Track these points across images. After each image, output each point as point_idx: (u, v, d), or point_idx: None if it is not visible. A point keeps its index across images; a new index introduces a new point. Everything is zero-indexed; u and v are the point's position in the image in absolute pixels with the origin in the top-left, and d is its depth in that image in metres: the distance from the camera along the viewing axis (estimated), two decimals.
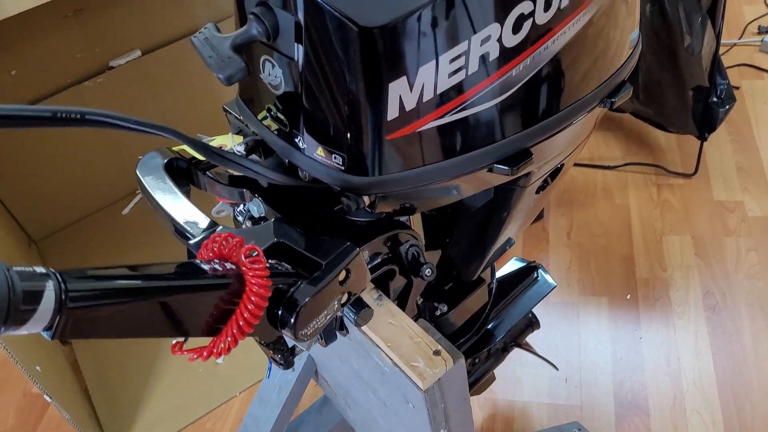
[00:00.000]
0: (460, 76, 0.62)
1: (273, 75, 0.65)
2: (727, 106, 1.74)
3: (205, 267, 0.52)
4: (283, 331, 0.58)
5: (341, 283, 0.61)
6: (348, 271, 0.61)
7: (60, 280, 0.40)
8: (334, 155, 0.65)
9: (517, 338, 1.34)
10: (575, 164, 1.93)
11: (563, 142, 0.79)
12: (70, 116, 0.50)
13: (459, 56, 0.61)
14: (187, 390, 1.64)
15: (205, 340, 0.54)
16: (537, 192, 0.89)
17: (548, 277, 1.30)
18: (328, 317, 0.61)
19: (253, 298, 0.52)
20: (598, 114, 0.83)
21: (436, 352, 0.71)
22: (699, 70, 1.66)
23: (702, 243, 1.69)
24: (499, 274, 1.25)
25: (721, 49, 1.84)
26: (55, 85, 1.85)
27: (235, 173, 0.81)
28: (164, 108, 2.01)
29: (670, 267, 1.65)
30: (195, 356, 0.52)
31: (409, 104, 0.61)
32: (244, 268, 0.53)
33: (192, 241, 0.62)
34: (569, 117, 0.73)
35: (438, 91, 0.62)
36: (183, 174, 0.76)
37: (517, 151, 0.70)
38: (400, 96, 0.60)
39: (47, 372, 1.41)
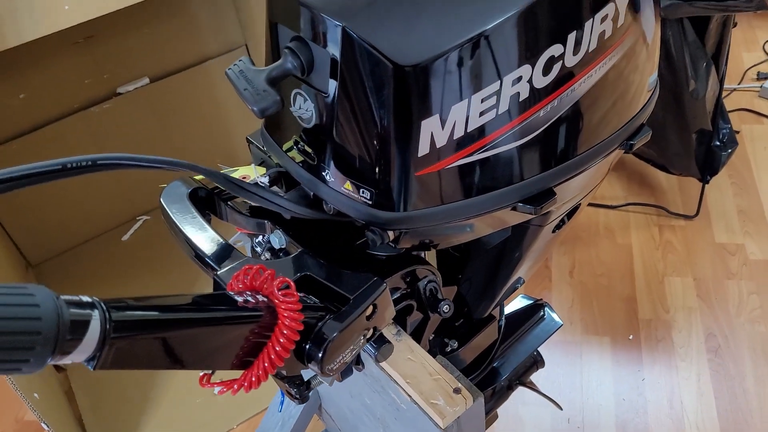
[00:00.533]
0: (490, 115, 0.62)
1: (304, 108, 0.65)
2: (729, 150, 1.76)
3: (238, 299, 0.52)
4: (309, 365, 0.58)
5: (368, 317, 0.61)
6: (375, 306, 0.61)
7: (104, 309, 0.40)
8: (361, 189, 0.65)
9: (521, 376, 1.33)
10: None
11: (583, 183, 0.80)
12: (81, 165, 0.50)
13: (491, 96, 0.61)
14: (183, 421, 1.61)
15: (231, 373, 0.53)
16: (554, 231, 0.89)
17: (555, 316, 1.30)
18: (353, 352, 0.61)
19: (285, 332, 0.52)
20: (616, 155, 0.84)
21: (456, 390, 0.70)
22: (702, 114, 1.68)
23: (704, 285, 1.70)
24: (506, 311, 1.25)
25: (722, 94, 1.86)
26: (63, 110, 1.85)
27: (256, 204, 0.81)
28: (171, 135, 2.02)
29: (672, 308, 1.66)
30: (225, 389, 0.52)
31: (440, 141, 0.62)
32: (276, 301, 0.52)
33: (220, 272, 0.62)
34: (591, 158, 0.74)
35: (469, 129, 0.62)
36: (205, 203, 0.76)
37: (542, 190, 0.70)
38: (432, 133, 0.61)
39: (43, 399, 1.39)
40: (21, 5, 1.12)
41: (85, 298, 0.40)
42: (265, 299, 0.54)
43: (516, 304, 1.31)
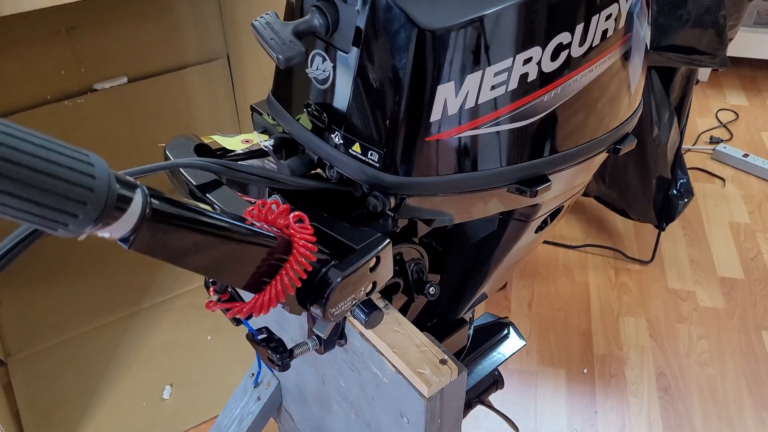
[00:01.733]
0: (500, 91, 0.66)
1: (321, 69, 0.67)
2: (686, 200, 1.85)
3: (256, 223, 0.53)
4: (312, 308, 0.58)
5: (371, 270, 0.62)
6: (378, 259, 0.62)
7: (147, 193, 0.41)
8: (370, 152, 0.67)
9: (481, 395, 1.34)
10: None
11: (571, 181, 0.83)
12: None
13: (503, 71, 0.65)
14: (126, 424, 1.55)
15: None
16: (536, 231, 0.92)
17: (518, 335, 1.32)
18: (354, 302, 0.61)
19: (300, 259, 0.52)
20: (598, 164, 0.88)
21: (443, 361, 0.71)
22: (663, 162, 1.76)
23: (656, 326, 1.75)
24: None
25: (682, 146, 1.96)
26: (34, 100, 1.82)
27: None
28: (140, 138, 2.00)
29: (625, 346, 1.70)
30: (234, 311, 0.52)
31: (452, 109, 0.64)
32: (293, 231, 0.53)
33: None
34: (583, 154, 0.77)
35: (479, 102, 0.65)
36: None
37: (538, 176, 0.73)
38: (446, 99, 0.64)
39: None
40: None
41: (130, 179, 0.40)
42: (279, 231, 0.54)
43: (481, 320, 1.33)
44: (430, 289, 0.82)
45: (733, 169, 2.32)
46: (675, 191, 1.84)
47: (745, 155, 2.32)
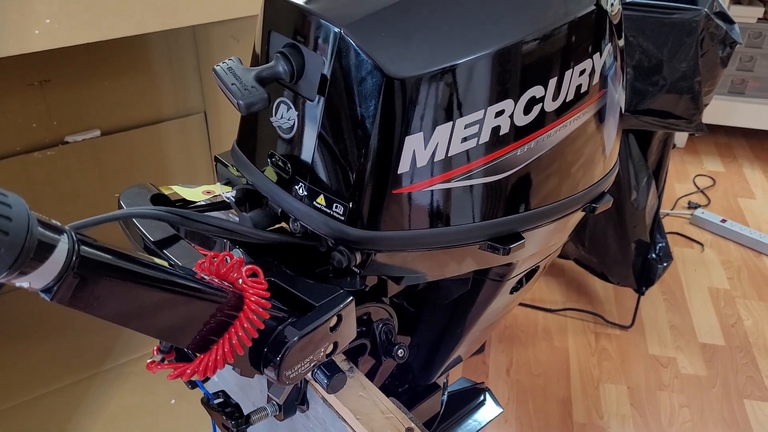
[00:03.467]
0: (471, 143, 0.63)
1: (286, 117, 0.65)
2: (665, 264, 1.83)
3: (205, 277, 0.48)
4: (265, 370, 0.54)
5: (332, 329, 0.57)
6: (340, 318, 0.58)
7: (75, 239, 0.37)
8: (335, 204, 0.63)
9: None
10: (518, 304, 1.95)
11: (546, 239, 0.80)
12: None
13: (474, 123, 0.62)
14: None
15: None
16: (511, 292, 0.89)
17: (495, 402, 1.27)
18: (312, 364, 0.57)
19: (250, 317, 0.48)
20: (574, 224, 0.85)
21: (409, 429, 0.66)
22: (642, 226, 1.75)
23: (637, 394, 1.70)
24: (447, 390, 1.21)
25: (660, 210, 1.95)
26: (4, 151, 1.78)
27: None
28: (110, 192, 1.95)
29: (606, 414, 1.65)
30: (176, 372, 0.47)
31: (421, 161, 0.62)
32: (245, 285, 0.49)
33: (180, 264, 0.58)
34: (558, 212, 0.75)
35: (449, 154, 0.63)
36: None
37: (511, 233, 0.70)
38: (414, 151, 0.61)
39: None
40: None
41: (56, 223, 0.36)
42: (231, 286, 0.50)
43: (456, 385, 1.28)
44: (399, 351, 0.77)
45: (711, 234, 2.32)
46: (654, 255, 1.82)
47: (723, 221, 2.32)
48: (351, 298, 0.59)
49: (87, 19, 1.23)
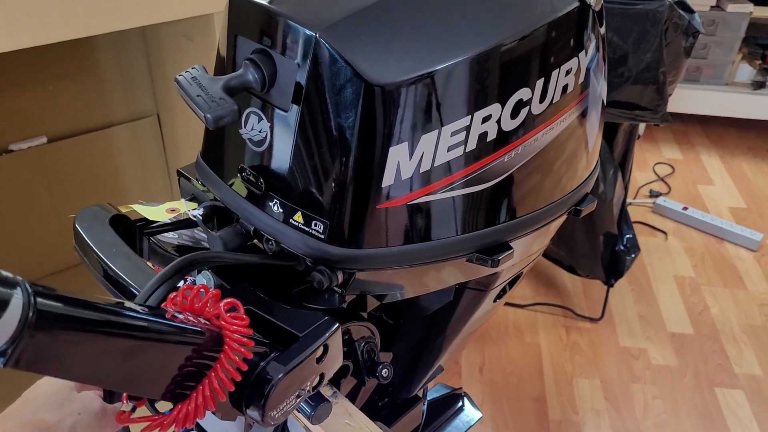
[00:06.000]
0: (458, 152, 0.59)
1: (257, 129, 0.60)
2: (633, 255, 1.82)
3: (178, 315, 0.43)
4: (248, 412, 0.49)
5: (318, 360, 0.53)
6: (326, 348, 0.53)
7: (30, 292, 0.31)
8: (314, 222, 0.58)
9: None
10: None
11: (532, 245, 0.77)
12: None
13: (460, 130, 0.58)
14: None
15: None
16: (495, 300, 0.85)
17: (473, 406, 1.24)
18: (299, 399, 0.52)
19: (232, 358, 0.43)
20: (558, 227, 0.82)
21: None
22: (610, 218, 1.74)
23: (611, 387, 1.70)
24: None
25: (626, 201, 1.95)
26: None
27: (185, 243, 0.72)
28: (59, 200, 1.86)
29: (581, 410, 1.63)
30: (153, 425, 0.42)
31: (406, 173, 0.57)
32: (224, 323, 0.44)
33: (138, 299, 0.53)
34: (545, 217, 0.72)
35: (435, 164, 0.58)
36: (124, 236, 0.66)
37: (499, 243, 0.66)
38: (398, 162, 0.57)
39: None
40: None
41: (7, 274, 0.31)
42: (207, 323, 0.45)
43: (434, 392, 1.24)
44: (383, 371, 0.73)
45: (673, 222, 2.33)
46: (622, 247, 1.82)
47: (685, 208, 2.34)
48: (336, 324, 0.55)
49: (29, 23, 1.15)
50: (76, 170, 1.87)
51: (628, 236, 1.83)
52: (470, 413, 1.21)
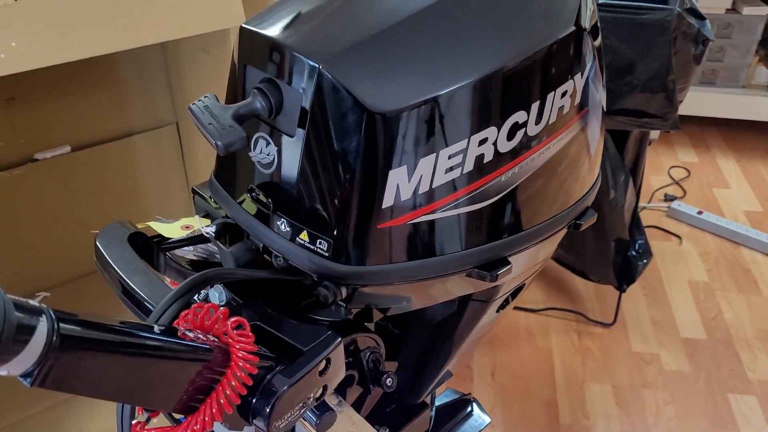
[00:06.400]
0: (455, 173, 0.62)
1: (265, 153, 0.63)
2: (645, 260, 1.84)
3: (189, 334, 0.47)
4: (254, 422, 0.52)
5: (321, 373, 0.56)
6: (328, 361, 0.57)
7: (53, 318, 0.35)
8: (319, 240, 0.62)
9: None
10: None
11: (531, 259, 0.80)
12: None
13: (457, 153, 0.61)
14: None
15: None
16: (498, 310, 0.88)
17: (482, 411, 1.27)
18: (303, 410, 0.56)
19: (238, 374, 0.47)
20: (559, 239, 0.85)
21: None
22: (620, 223, 1.76)
23: (622, 393, 1.71)
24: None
25: (638, 207, 1.96)
26: None
27: (197, 258, 0.76)
28: (82, 208, 1.91)
29: (592, 415, 1.65)
30: None
31: (405, 194, 0.60)
32: (231, 341, 0.48)
33: (153, 315, 0.56)
34: (544, 232, 0.74)
35: (434, 185, 0.61)
36: (143, 251, 0.70)
37: (497, 258, 0.69)
38: (398, 185, 0.60)
39: None
40: None
41: (34, 303, 0.34)
42: (216, 340, 0.49)
43: (443, 397, 1.27)
44: (387, 380, 0.76)
45: (688, 227, 2.34)
46: (634, 252, 1.83)
47: (700, 212, 2.34)
48: (339, 339, 0.58)
49: (53, 42, 1.20)
50: (98, 178, 1.92)
51: (640, 242, 1.84)
52: (479, 418, 1.23)
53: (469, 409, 1.26)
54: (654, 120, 1.58)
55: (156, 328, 0.45)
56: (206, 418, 0.46)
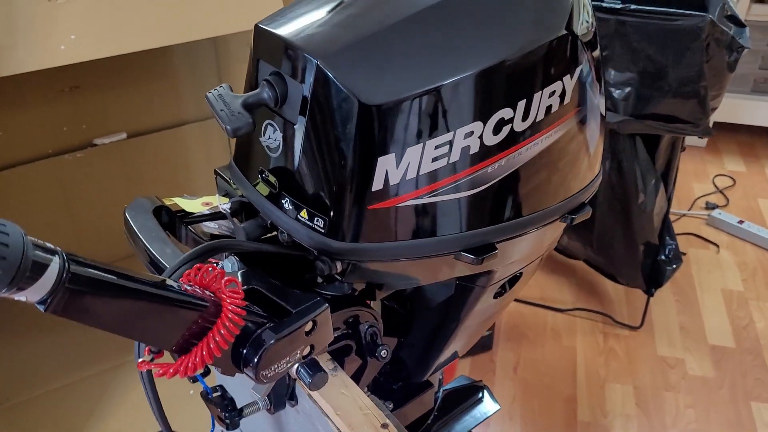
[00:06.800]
0: (441, 163, 0.68)
1: (273, 138, 0.71)
2: (674, 266, 1.85)
3: (188, 288, 0.55)
4: (245, 370, 0.60)
5: (307, 333, 0.63)
6: (315, 323, 0.64)
7: (65, 259, 0.43)
8: (316, 218, 0.69)
9: None
10: (527, 302, 1.99)
11: (525, 248, 0.85)
12: None
13: (444, 144, 0.67)
14: None
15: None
16: (495, 297, 0.93)
17: (492, 399, 1.31)
18: (289, 364, 0.63)
19: (227, 323, 0.54)
20: (557, 228, 0.89)
21: (384, 425, 0.72)
22: (649, 227, 1.78)
23: (643, 394, 1.73)
24: (446, 388, 1.27)
25: (672, 218, 1.98)
26: (37, 153, 1.88)
27: (216, 232, 0.84)
28: (136, 192, 2.04)
29: (611, 414, 1.68)
30: (161, 372, 0.54)
31: (393, 179, 0.67)
32: (222, 295, 0.55)
33: (165, 273, 0.65)
34: (534, 223, 0.79)
35: (420, 172, 0.68)
36: (167, 224, 0.79)
37: (484, 243, 0.75)
38: (387, 170, 0.66)
39: None
40: (21, 39, 1.18)
41: (50, 245, 0.43)
42: (212, 295, 0.57)
43: (455, 383, 1.33)
44: (382, 352, 0.83)
45: (727, 236, 2.32)
46: (663, 257, 1.85)
47: (741, 222, 2.33)
48: (326, 305, 0.65)
49: (109, 35, 1.31)
50: (151, 163, 2.05)
51: (670, 247, 1.85)
52: (488, 405, 1.28)
53: (480, 395, 1.31)
54: (685, 125, 1.59)
55: (159, 280, 0.53)
56: (197, 359, 0.53)
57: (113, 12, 1.27)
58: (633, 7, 1.51)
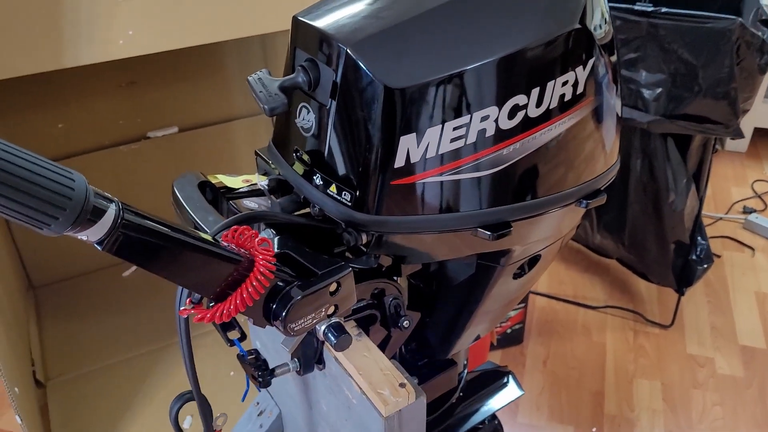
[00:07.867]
0: (459, 143, 0.74)
1: (307, 119, 0.78)
2: (705, 265, 1.86)
3: (226, 245, 0.62)
4: (274, 322, 0.67)
5: (332, 293, 0.70)
6: (339, 285, 0.71)
7: (120, 207, 0.51)
8: (344, 192, 0.76)
9: None
10: (560, 299, 2.02)
11: (541, 230, 0.90)
12: None
13: (461, 126, 0.74)
14: None
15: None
16: (514, 278, 0.99)
17: (517, 385, 1.36)
18: (314, 320, 0.70)
19: (259, 276, 0.61)
20: (576, 217, 0.95)
21: (402, 384, 0.78)
22: (681, 227, 1.80)
23: (670, 390, 1.75)
24: (472, 373, 1.32)
25: (708, 221, 1.99)
26: (95, 144, 2.01)
27: (255, 207, 0.92)
28: None
29: (637, 408, 1.71)
30: (199, 316, 0.61)
31: (414, 158, 0.73)
32: (255, 251, 0.63)
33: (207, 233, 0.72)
34: (548, 205, 0.84)
35: (440, 152, 0.74)
36: (211, 199, 0.87)
37: (500, 221, 0.81)
38: (408, 149, 0.73)
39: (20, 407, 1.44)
40: (83, 32, 1.28)
41: (108, 195, 0.50)
42: (247, 252, 0.64)
43: (482, 367, 1.38)
44: (404, 322, 0.89)
45: (763, 240, 2.32)
46: (695, 257, 1.86)
47: None
48: (350, 269, 0.72)
49: (165, 30, 1.40)
50: (200, 156, 2.16)
51: (701, 246, 1.87)
52: (512, 390, 1.33)
53: (505, 380, 1.36)
54: (716, 126, 1.62)
55: (201, 234, 0.60)
56: (231, 306, 0.61)
57: (168, 9, 1.37)
58: (664, 10, 1.55)
